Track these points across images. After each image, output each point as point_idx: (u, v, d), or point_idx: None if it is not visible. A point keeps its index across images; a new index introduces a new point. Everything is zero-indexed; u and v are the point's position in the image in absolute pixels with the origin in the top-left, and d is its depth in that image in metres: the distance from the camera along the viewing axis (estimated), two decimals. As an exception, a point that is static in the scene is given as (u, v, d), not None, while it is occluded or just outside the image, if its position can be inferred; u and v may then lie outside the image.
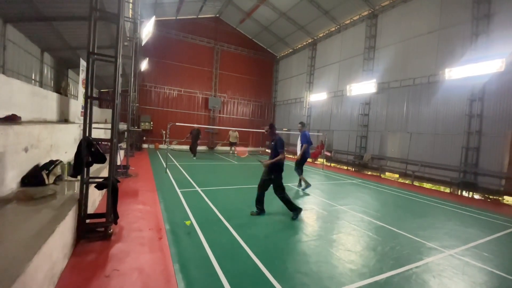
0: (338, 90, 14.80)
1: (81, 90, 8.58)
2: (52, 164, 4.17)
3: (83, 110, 8.50)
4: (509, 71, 7.71)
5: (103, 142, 8.48)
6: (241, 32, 19.83)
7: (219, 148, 18.79)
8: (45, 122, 5.51)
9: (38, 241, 2.11)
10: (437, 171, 9.35)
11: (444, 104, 9.37)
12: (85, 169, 3.47)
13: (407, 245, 3.96)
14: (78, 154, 3.34)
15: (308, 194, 6.85)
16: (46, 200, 3.21)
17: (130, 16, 7.68)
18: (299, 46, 18.52)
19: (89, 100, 3.38)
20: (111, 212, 3.64)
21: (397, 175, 11.12)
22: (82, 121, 8.10)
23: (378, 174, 11.57)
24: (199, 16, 18.11)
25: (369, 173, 12.24)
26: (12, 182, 3.40)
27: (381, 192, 7.85)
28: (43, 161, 4.25)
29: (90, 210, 4.06)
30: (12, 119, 4.19)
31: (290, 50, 19.60)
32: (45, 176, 3.90)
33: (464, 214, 6.05)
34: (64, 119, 7.97)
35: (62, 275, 2.63)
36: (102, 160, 3.53)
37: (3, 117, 4.11)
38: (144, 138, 16.62)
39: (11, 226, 2.40)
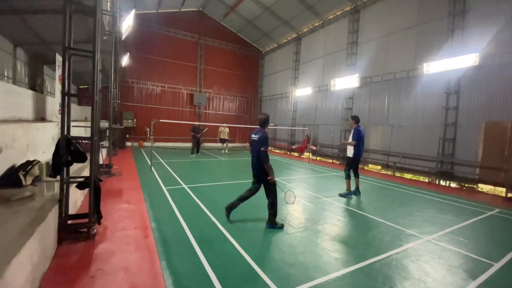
0: (322, 85, 15.00)
1: (58, 87, 8.22)
2: (29, 164, 4.00)
3: (60, 108, 8.19)
4: (482, 65, 8.11)
5: (84, 141, 8.20)
6: (225, 26, 19.56)
7: (207, 144, 18.60)
8: (20, 121, 5.24)
9: (17, 244, 2.04)
10: (417, 162, 9.76)
11: (423, 98, 9.75)
12: (65, 168, 3.37)
13: (388, 232, 4.15)
14: (56, 154, 3.22)
15: (293, 188, 6.96)
16: (24, 202, 3.09)
17: (108, 9, 7.38)
18: (284, 41, 18.54)
19: (66, 97, 3.25)
20: (94, 212, 3.56)
21: (379, 167, 11.50)
22: (60, 119, 7.80)
23: (361, 166, 11.90)
24: (181, 10, 17.67)
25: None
26: (-15, 184, 3.24)
27: (364, 184, 8.09)
28: (19, 161, 4.07)
29: (72, 210, 3.95)
30: (-18, 118, 3.96)
31: (275, 45, 19.59)
32: (22, 177, 3.74)
33: (442, 202, 6.38)
34: (41, 117, 7.62)
35: (44, 277, 2.56)
36: (82, 159, 3.43)
37: (-27, 116, 3.89)
38: (128, 136, 16.19)
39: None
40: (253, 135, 4.26)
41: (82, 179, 3.52)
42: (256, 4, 15.59)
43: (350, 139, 6.28)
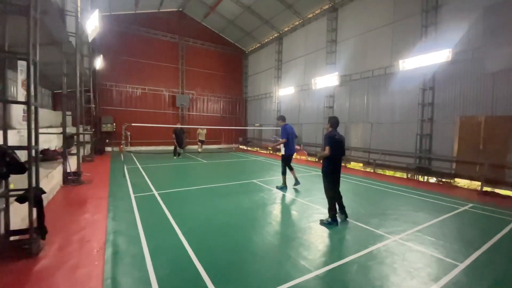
0: (304, 84, 14.95)
1: (22, 92, 7.78)
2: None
3: (24, 114, 7.73)
4: (456, 61, 8.18)
5: (52, 148, 7.73)
6: (207, 26, 19.28)
7: (190, 147, 18.27)
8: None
9: None
10: (396, 158, 9.80)
11: (400, 94, 9.79)
12: (3, 181, 3.09)
13: (356, 234, 4.04)
14: (-12, 166, 2.94)
15: (270, 189, 6.81)
16: (-51, 220, 2.79)
17: (73, 10, 7.01)
18: (266, 40, 18.42)
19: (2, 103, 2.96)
20: (38, 227, 3.29)
21: (361, 164, 11.51)
22: (23, 126, 7.33)
23: (344, 164, 11.89)
24: (160, 10, 17.29)
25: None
26: None
27: (343, 182, 7.99)
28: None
29: (22, 225, 3.65)
30: None
31: (258, 45, 19.45)
32: (-43, 192, 3.42)
33: (416, 198, 6.36)
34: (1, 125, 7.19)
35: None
36: (20, 171, 3.14)
37: None
38: (107, 140, 15.68)
39: None
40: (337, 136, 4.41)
41: (21, 192, 3.22)
42: (236, 4, 15.41)
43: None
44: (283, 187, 6.83)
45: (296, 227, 4.27)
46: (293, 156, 7.02)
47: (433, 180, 8.75)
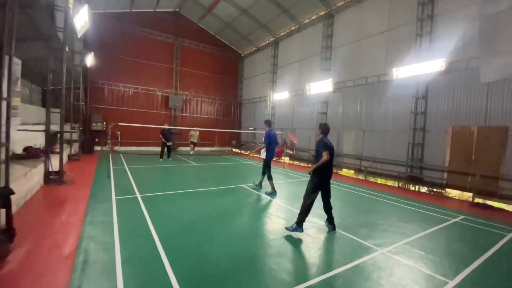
0: (299, 89, 14.90)
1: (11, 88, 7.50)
2: None
3: (11, 111, 7.41)
4: (449, 70, 8.19)
5: (34, 147, 7.40)
6: (203, 28, 19.17)
7: (182, 148, 18.00)
8: None
9: None
10: (388, 166, 9.74)
11: (393, 102, 9.78)
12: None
13: (343, 245, 3.88)
14: None
15: (259, 195, 6.62)
16: None
17: (62, 5, 6.80)
18: (263, 44, 18.39)
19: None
20: (6, 229, 3.05)
21: (352, 171, 11.43)
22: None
23: (335, 170, 11.79)
24: (156, 10, 17.12)
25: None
26: None
27: (333, 190, 7.85)
28: None
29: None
30: None
31: (254, 48, 19.41)
32: None
33: (407, 208, 6.25)
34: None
35: None
36: (-17, 169, 2.91)
37: None
38: (97, 139, 15.30)
39: None
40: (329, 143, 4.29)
41: (-17, 193, 2.98)
42: (233, 6, 15.35)
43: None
44: (272, 193, 6.68)
45: (281, 237, 4.08)
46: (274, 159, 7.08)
47: (424, 189, 8.69)
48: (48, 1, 5.69)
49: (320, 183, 4.25)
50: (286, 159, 14.38)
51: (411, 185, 8.91)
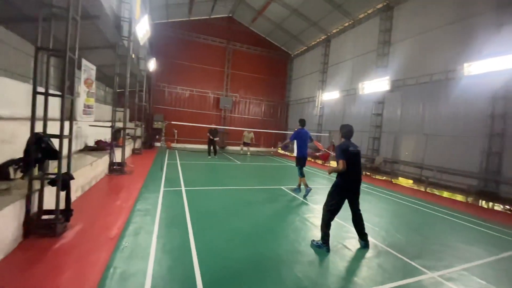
0: (351, 89, 13.97)
1: (84, 89, 8.89)
2: (21, 160, 4.24)
3: (85, 109, 8.75)
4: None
5: (103, 140, 8.56)
6: (254, 31, 19.60)
7: (230, 148, 18.72)
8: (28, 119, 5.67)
9: None
10: (455, 177, 8.32)
11: (464, 103, 8.32)
12: (38, 165, 3.46)
13: (384, 262, 3.44)
14: (27, 151, 3.32)
15: (297, 198, 6.41)
16: (-4, 194, 3.22)
17: (127, 16, 7.78)
18: (313, 43, 17.85)
19: (38, 95, 3.33)
20: (64, 209, 3.60)
21: (411, 181, 10.15)
22: (83, 119, 8.29)
23: (389, 179, 10.65)
24: (211, 16, 18.20)
25: (381, 177, 11.35)
26: (-29, 176, 3.47)
27: (387, 200, 7.14)
28: (18, 156, 4.35)
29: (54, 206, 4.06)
30: (-13, 115, 4.33)
31: (304, 48, 18.98)
32: (11, 171, 3.96)
33: (473, 228, 5.24)
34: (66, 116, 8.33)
35: (-8, 270, 2.58)
36: (54, 156, 3.49)
37: (-21, 113, 4.27)
38: (157, 136, 17.03)
39: None
40: (352, 148, 3.72)
41: (52, 176, 3.56)
42: (283, 7, 15.29)
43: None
44: (307, 190, 6.49)
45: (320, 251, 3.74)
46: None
47: (500, 208, 7.17)
48: (115, 13, 6.54)
49: (340, 193, 3.71)
50: (334, 163, 13.62)
51: (483, 202, 7.45)
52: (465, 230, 5.11)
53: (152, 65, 13.13)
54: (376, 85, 11.74)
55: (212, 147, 13.05)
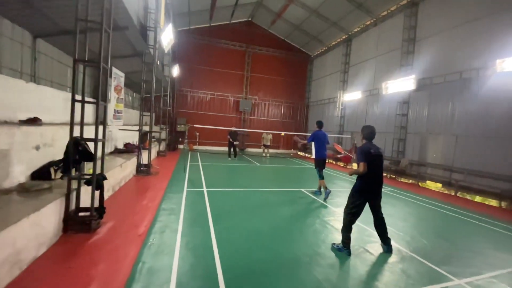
0: (373, 89, 13.57)
1: (114, 96, 9.49)
2: (61, 161, 4.65)
3: (115, 114, 9.32)
4: None
5: (131, 143, 9.06)
6: (273, 33, 19.70)
7: (249, 150, 18.91)
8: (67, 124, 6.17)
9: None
10: (488, 181, 7.79)
11: (497, 101, 7.77)
12: (76, 166, 3.80)
13: (408, 268, 3.34)
14: (66, 153, 3.66)
15: (318, 201, 6.36)
16: (39, 193, 3.57)
17: (153, 26, 8.23)
18: (334, 43, 17.57)
19: (76, 103, 3.66)
20: (98, 207, 3.91)
21: (439, 185, 9.63)
22: (113, 123, 8.83)
23: (416, 182, 10.19)
24: (231, 21, 18.58)
25: (407, 181, 10.88)
26: (20, 176, 3.87)
27: (413, 204, 6.87)
28: (57, 158, 4.78)
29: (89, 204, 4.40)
30: (33, 121, 4.82)
31: (325, 48, 18.74)
32: (52, 172, 4.37)
33: (507, 235, 4.90)
34: (100, 121, 8.95)
35: (36, 261, 2.88)
36: (89, 158, 3.80)
37: (25, 119, 4.76)
38: (180, 139, 17.65)
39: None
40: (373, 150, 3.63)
41: (88, 176, 3.88)
42: (302, 8, 15.23)
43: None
44: (317, 192, 6.86)
45: (342, 256, 3.66)
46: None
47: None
48: (141, 23, 6.95)
49: (360, 196, 3.62)
50: (355, 166, 13.29)
51: (523, 207, 6.90)
52: (496, 236, 4.79)
53: (175, 71, 13.68)
54: (400, 84, 11.31)
55: (232, 149, 13.30)
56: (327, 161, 7.32)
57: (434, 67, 10.14)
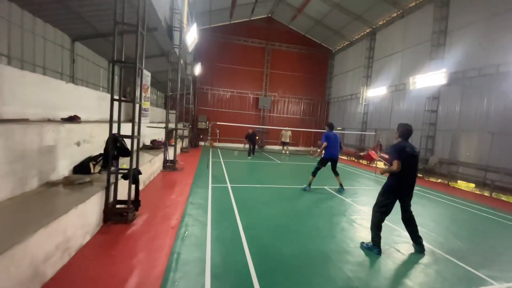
0: (400, 84, 13.04)
1: (142, 95, 9.89)
2: (99, 156, 4.96)
3: (142, 112, 9.74)
4: None
5: (157, 140, 9.42)
6: (293, 29, 19.49)
7: (269, 147, 18.93)
8: (102, 121, 6.53)
9: (48, 218, 2.56)
10: (529, 181, 7.28)
11: (543, 96, 7.21)
12: (113, 161, 4.03)
13: (442, 270, 3.23)
14: (106, 149, 3.90)
15: (342, 199, 6.28)
16: (82, 186, 3.84)
17: (178, 26, 8.44)
18: (356, 37, 17.05)
19: (114, 102, 3.87)
20: (136, 200, 4.13)
21: (472, 185, 9.11)
22: (141, 121, 9.21)
23: (446, 181, 9.71)
24: (251, 18, 18.59)
25: (435, 180, 10.41)
26: (64, 170, 4.19)
27: (446, 205, 6.59)
28: (95, 153, 5.10)
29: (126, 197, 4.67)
30: (73, 119, 5.17)
31: (347, 43, 18.23)
32: (91, 166, 4.67)
33: (555, 240, 4.55)
34: (129, 119, 9.37)
35: (82, 249, 3.12)
36: (126, 154, 4.03)
37: (67, 117, 5.12)
38: (201, 136, 18.06)
39: (35, 204, 2.96)
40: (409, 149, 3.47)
41: (125, 171, 4.10)
42: (324, 2, 14.90)
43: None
44: (307, 188, 6.83)
45: (374, 257, 3.54)
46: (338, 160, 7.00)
47: None
48: (168, 24, 7.16)
49: (391, 195, 3.55)
50: (380, 164, 12.89)
51: None
52: (543, 241, 4.48)
53: (197, 69, 13.97)
54: (430, 78, 10.76)
55: (251, 147, 13.42)
56: (348, 158, 7.16)
57: (468, 60, 9.55)
